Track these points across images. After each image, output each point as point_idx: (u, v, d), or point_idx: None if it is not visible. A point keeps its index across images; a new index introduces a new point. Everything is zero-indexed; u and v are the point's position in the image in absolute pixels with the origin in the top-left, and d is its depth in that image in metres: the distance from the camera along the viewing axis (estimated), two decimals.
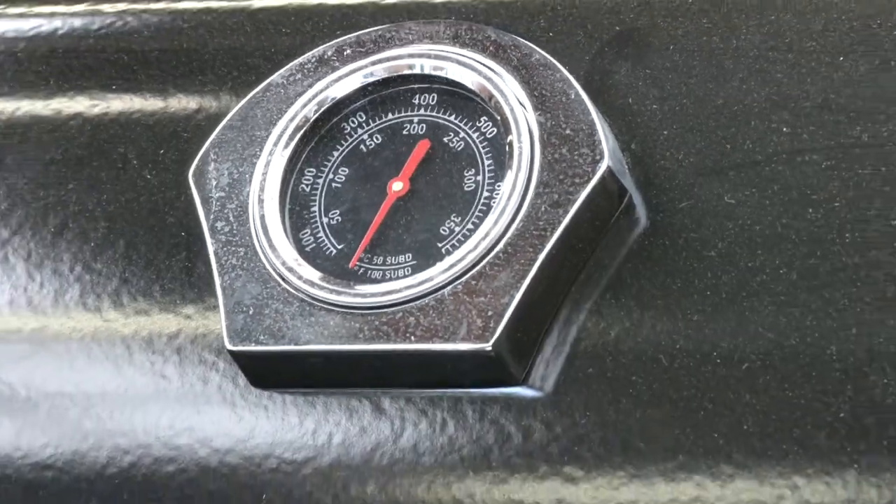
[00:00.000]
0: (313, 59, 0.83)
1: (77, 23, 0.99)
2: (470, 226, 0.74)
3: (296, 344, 0.73)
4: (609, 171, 0.72)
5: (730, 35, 0.85)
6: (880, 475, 0.65)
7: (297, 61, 0.83)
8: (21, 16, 1.00)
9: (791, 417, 0.68)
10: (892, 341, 0.69)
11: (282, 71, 0.83)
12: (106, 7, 0.98)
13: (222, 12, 0.94)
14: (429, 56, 0.80)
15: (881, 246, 0.72)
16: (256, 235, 0.76)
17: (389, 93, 0.80)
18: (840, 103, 0.79)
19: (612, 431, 0.71)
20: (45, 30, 0.99)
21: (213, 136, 0.82)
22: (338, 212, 0.77)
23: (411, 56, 0.81)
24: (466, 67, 0.78)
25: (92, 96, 0.92)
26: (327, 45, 0.84)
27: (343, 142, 0.80)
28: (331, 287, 0.73)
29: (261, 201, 0.78)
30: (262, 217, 0.77)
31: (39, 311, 0.85)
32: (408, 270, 0.73)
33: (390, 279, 0.73)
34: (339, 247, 0.76)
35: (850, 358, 0.69)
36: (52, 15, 1.00)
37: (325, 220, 0.77)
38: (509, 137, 0.74)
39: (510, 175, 0.73)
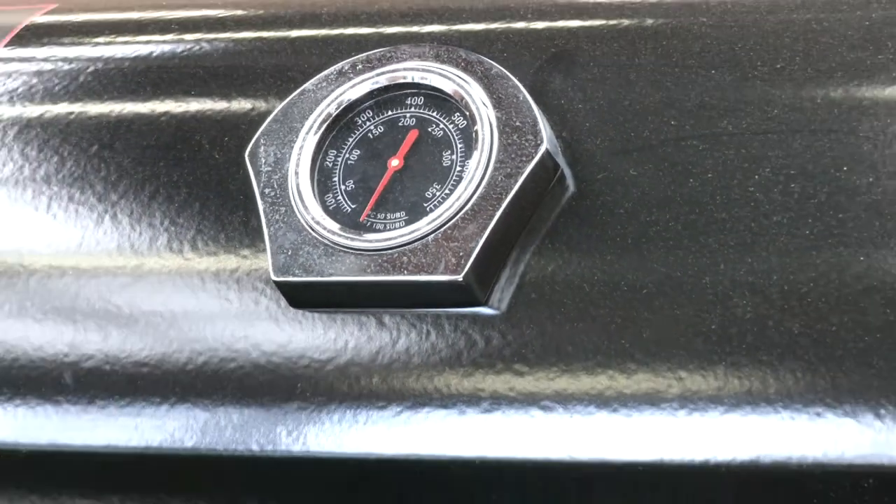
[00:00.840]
0: (334, 72, 0.89)
1: (167, 48, 1.05)
2: (447, 191, 0.81)
3: (321, 276, 0.80)
4: (547, 152, 0.80)
5: (633, 55, 0.93)
6: (741, 370, 0.74)
7: (322, 73, 0.90)
8: (127, 43, 1.06)
9: (677, 328, 0.76)
10: (751, 274, 0.77)
11: (312, 80, 0.89)
12: (187, 36, 1.05)
13: (270, 40, 1.01)
14: (418, 70, 0.87)
15: (742, 205, 0.80)
16: (293, 198, 0.84)
17: (389, 96, 0.87)
18: (712, 103, 0.86)
19: (548, 339, 0.79)
20: (144, 52, 1.05)
21: (262, 127, 0.88)
22: (352, 181, 0.84)
23: (405, 70, 0.87)
24: (445, 78, 0.85)
25: (177, 99, 0.99)
26: (344, 62, 0.90)
27: (356, 131, 0.87)
28: (346, 235, 0.81)
29: (296, 174, 0.85)
30: (298, 185, 0.84)
31: (138, 253, 0.91)
32: (402, 223, 0.80)
33: (389, 230, 0.81)
34: (353, 206, 0.83)
35: (720, 286, 0.76)
36: (149, 42, 1.06)
37: (342, 187, 0.84)
38: (475, 127, 0.81)
39: (476, 155, 0.80)
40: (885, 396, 0.73)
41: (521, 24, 0.96)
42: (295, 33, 1.00)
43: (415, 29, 0.96)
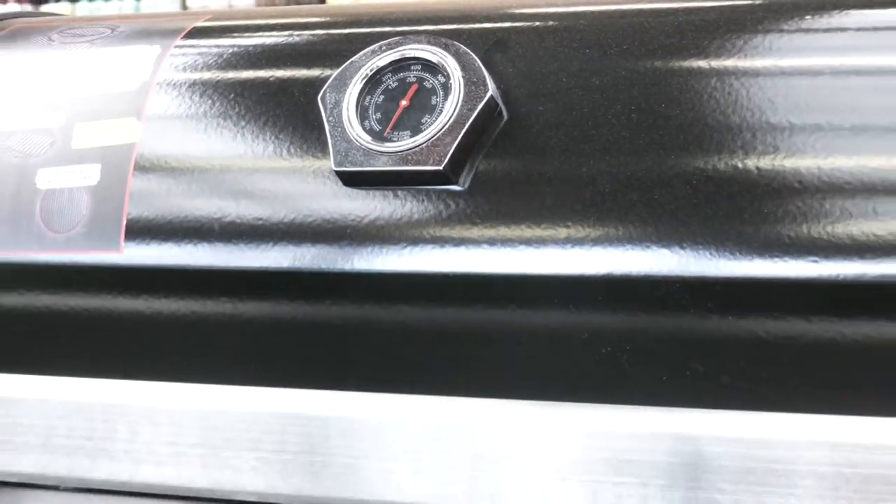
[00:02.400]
0: (369, 51, 0.98)
1: (276, 40, 1.11)
2: (434, 119, 0.91)
3: (362, 167, 0.91)
4: (491, 96, 0.90)
5: (539, 42, 1.01)
6: (608, 222, 0.85)
7: (361, 52, 0.98)
8: (254, 37, 1.12)
9: (592, 214, 0.86)
10: (611, 166, 0.87)
11: (356, 55, 0.97)
12: (287, 33, 1.11)
13: (334, 34, 1.08)
14: (417, 50, 0.96)
15: (605, 126, 0.89)
16: (346, 123, 0.93)
17: (401, 64, 0.95)
18: (587, 68, 0.95)
19: (493, 203, 0.89)
20: (264, 42, 1.11)
21: (328, 83, 0.96)
22: (379, 113, 0.93)
23: (410, 49, 0.96)
24: (433, 54, 0.94)
25: (281, 69, 1.05)
26: (375, 45, 0.98)
27: (381, 84, 0.95)
28: (376, 144, 0.92)
29: (347, 109, 0.94)
30: (348, 115, 0.93)
31: (261, 156, 0.99)
32: (408, 137, 0.91)
33: (401, 140, 0.91)
34: (380, 127, 0.93)
35: (595, 173, 0.87)
36: (267, 36, 1.12)
37: (374, 116, 0.94)
38: (450, 82, 0.92)
39: (451, 98, 0.91)
40: (683, 237, 0.84)
41: (477, 25, 1.03)
42: (347, 31, 1.07)
43: (416, 27, 1.03)
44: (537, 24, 1.04)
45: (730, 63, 0.93)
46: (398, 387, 0.89)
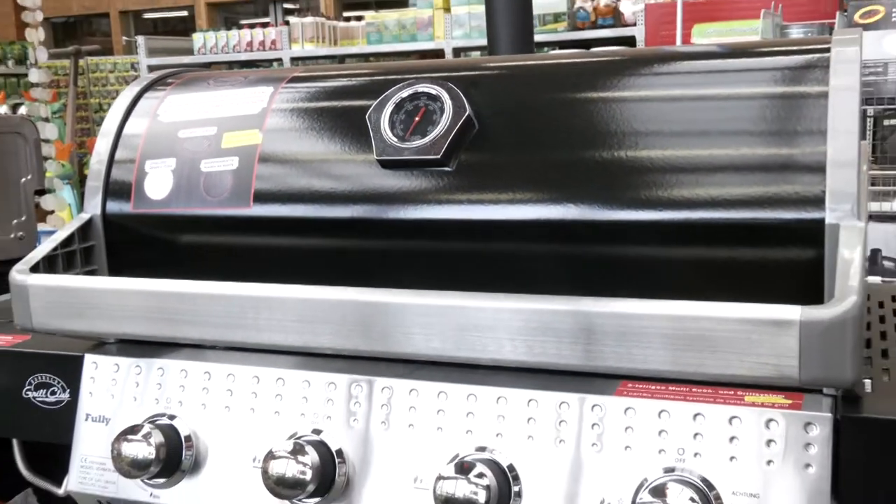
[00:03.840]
0: (396, 88, 1.01)
1: (340, 83, 1.16)
2: (434, 128, 0.96)
3: (392, 156, 0.97)
4: (469, 115, 0.95)
5: (505, 84, 1.06)
6: (553, 196, 0.93)
7: (391, 88, 1.01)
8: (332, 81, 1.17)
9: (528, 184, 0.94)
10: (559, 159, 0.94)
11: (387, 91, 1.01)
12: (348, 79, 1.16)
13: (377, 80, 1.09)
14: (424, 87, 1.00)
15: (551, 140, 0.96)
16: (382, 131, 0.98)
17: (415, 96, 1.00)
18: (543, 99, 1.00)
19: (475, 181, 0.96)
20: (337, 84, 1.16)
21: (372, 107, 1.00)
22: (402, 125, 0.98)
23: (421, 87, 1.00)
24: (434, 90, 0.99)
25: (344, 99, 1.10)
26: (400, 84, 1.02)
27: (403, 108, 0.99)
28: (400, 144, 0.97)
29: (383, 122, 0.99)
30: (383, 126, 0.98)
31: (333, 151, 1.04)
32: (419, 139, 0.97)
33: (415, 143, 0.97)
34: (403, 133, 0.98)
35: (547, 166, 0.95)
36: (338, 80, 1.16)
37: (399, 126, 0.98)
38: (444, 107, 0.97)
39: (444, 116, 0.97)
40: (579, 197, 0.91)
41: (460, 73, 1.06)
42: (383, 77, 1.07)
43: (424, 75, 1.04)
44: (496, 72, 1.09)
45: (610, 94, 0.99)
46: (413, 285, 0.90)
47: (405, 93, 1.00)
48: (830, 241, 0.79)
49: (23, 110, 5.98)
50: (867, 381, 0.81)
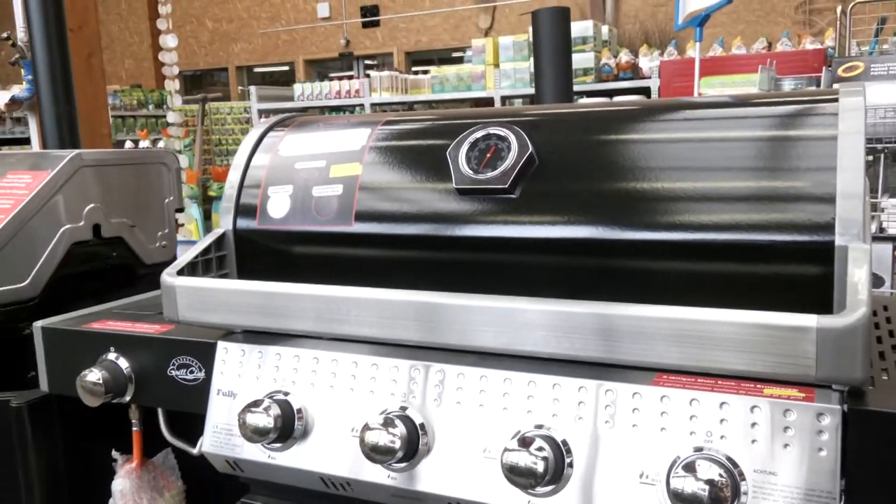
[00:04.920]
0: (470, 130, 0.99)
1: (423, 125, 1.12)
2: (503, 162, 0.94)
3: (468, 185, 0.95)
4: (531, 153, 0.94)
5: (565, 128, 1.00)
6: (597, 219, 0.91)
7: (467, 131, 0.99)
8: (415, 123, 1.13)
9: (578, 209, 0.90)
10: (612, 188, 0.90)
11: (464, 133, 0.99)
12: (430, 122, 1.12)
13: (455, 123, 1.05)
14: (494, 130, 0.98)
15: (608, 176, 0.91)
16: (460, 165, 0.97)
17: (487, 136, 0.98)
18: (598, 140, 0.96)
19: (535, 206, 0.92)
20: (418, 125, 1.12)
21: (451, 145, 0.98)
22: (476, 160, 0.96)
23: (491, 129, 0.98)
24: (503, 131, 0.97)
25: (428, 139, 1.07)
26: (473, 127, 1.00)
27: (477, 146, 0.98)
28: (475, 174, 0.96)
29: (461, 158, 0.97)
30: (462, 162, 0.97)
31: (416, 182, 1.02)
32: (491, 171, 0.95)
33: (487, 174, 0.95)
34: (477, 167, 0.96)
35: (586, 194, 0.91)
36: (418, 123, 1.12)
37: (474, 161, 0.96)
38: (511, 145, 0.96)
39: (511, 153, 0.95)
40: (618, 222, 0.87)
41: (523, 118, 1.02)
42: (460, 121, 1.04)
43: (494, 119, 1.01)
44: (550, 117, 1.04)
45: (651, 135, 0.95)
46: (483, 290, 0.88)
47: (479, 134, 0.99)
48: (840, 261, 0.76)
49: (161, 144, 6.13)
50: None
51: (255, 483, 1.05)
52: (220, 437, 1.00)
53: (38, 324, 1.20)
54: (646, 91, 5.87)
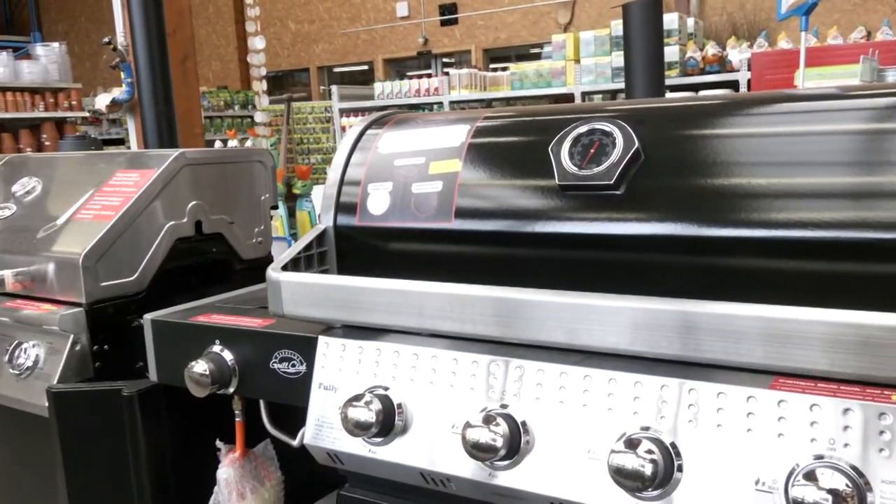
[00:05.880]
0: (573, 126, 0.98)
1: (525, 120, 1.10)
2: (608, 159, 0.93)
3: (571, 182, 0.94)
4: (637, 148, 0.92)
5: (674, 121, 0.97)
6: (711, 218, 0.89)
7: (570, 126, 0.98)
8: (515, 119, 1.10)
9: (686, 205, 0.87)
10: (726, 188, 0.86)
11: (566, 128, 0.98)
12: (536, 116, 1.09)
13: (560, 118, 1.03)
14: (600, 125, 0.96)
15: (719, 173, 0.88)
16: (563, 160, 0.95)
17: (591, 132, 0.96)
18: (713, 134, 0.93)
19: (641, 203, 0.91)
20: (521, 121, 1.10)
21: (553, 141, 0.97)
22: (579, 156, 0.95)
23: (595, 125, 0.96)
24: (608, 126, 0.96)
25: (529, 135, 1.04)
26: (576, 122, 0.98)
27: (580, 141, 0.96)
28: (578, 170, 0.94)
29: (563, 153, 0.96)
30: (565, 157, 0.96)
31: (518, 179, 1.01)
32: (595, 167, 0.93)
33: (590, 170, 0.94)
34: (580, 163, 0.94)
35: (694, 190, 0.88)
36: (519, 119, 1.10)
37: (577, 157, 0.95)
38: (616, 140, 0.93)
39: (616, 148, 0.93)
40: (737, 219, 0.84)
41: (629, 112, 1.00)
42: (563, 116, 1.03)
43: (598, 114, 1.00)
44: (658, 111, 1.02)
45: (761, 129, 0.92)
46: (588, 288, 0.86)
47: (582, 129, 0.97)
48: None
49: (248, 143, 6.31)
50: None
51: (352, 476, 1.05)
52: (321, 430, 1.01)
53: (149, 316, 1.25)
54: (733, 85, 5.69)
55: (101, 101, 3.29)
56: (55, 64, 7.27)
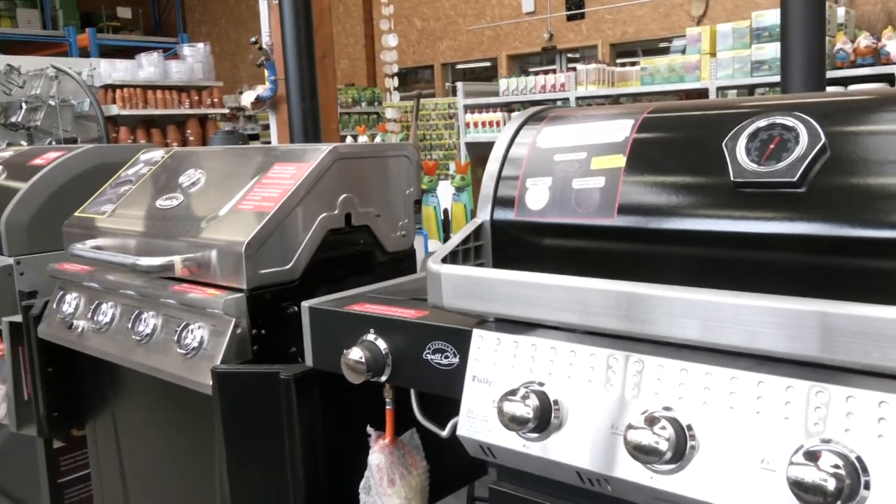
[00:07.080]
0: (751, 119, 0.93)
1: (695, 115, 1.05)
2: (790, 155, 0.87)
3: (748, 179, 0.89)
4: (824, 144, 0.86)
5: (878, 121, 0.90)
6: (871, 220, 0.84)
7: (747, 120, 0.93)
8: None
9: (870, 204, 0.82)
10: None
11: (743, 122, 0.93)
12: (700, 112, 1.05)
13: (732, 112, 0.98)
14: (780, 119, 0.92)
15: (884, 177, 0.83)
16: (738, 156, 0.90)
17: (770, 126, 0.92)
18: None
19: (823, 202, 0.85)
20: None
21: (728, 136, 0.92)
22: (757, 151, 0.89)
23: (776, 119, 0.92)
24: (789, 121, 0.91)
25: (699, 130, 1.01)
26: (755, 116, 0.92)
27: (758, 136, 0.91)
28: (756, 167, 0.89)
29: (739, 149, 0.91)
30: (741, 153, 0.91)
31: (686, 176, 0.96)
32: (774, 163, 0.87)
33: (770, 166, 0.88)
34: (758, 159, 0.89)
35: (871, 189, 0.82)
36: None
37: (754, 153, 0.89)
38: (799, 136, 0.89)
39: (800, 144, 0.88)
40: None
41: (814, 104, 0.93)
42: (738, 110, 0.98)
43: (777, 107, 0.95)
44: (845, 104, 0.95)
45: None
46: (749, 290, 0.82)
47: (761, 123, 0.93)
48: None
49: (378, 139, 6.48)
50: None
51: (501, 469, 1.04)
52: (474, 423, 1.02)
53: (306, 304, 1.30)
54: (889, 79, 5.31)
55: (247, 97, 3.47)
56: (200, 63, 7.75)
